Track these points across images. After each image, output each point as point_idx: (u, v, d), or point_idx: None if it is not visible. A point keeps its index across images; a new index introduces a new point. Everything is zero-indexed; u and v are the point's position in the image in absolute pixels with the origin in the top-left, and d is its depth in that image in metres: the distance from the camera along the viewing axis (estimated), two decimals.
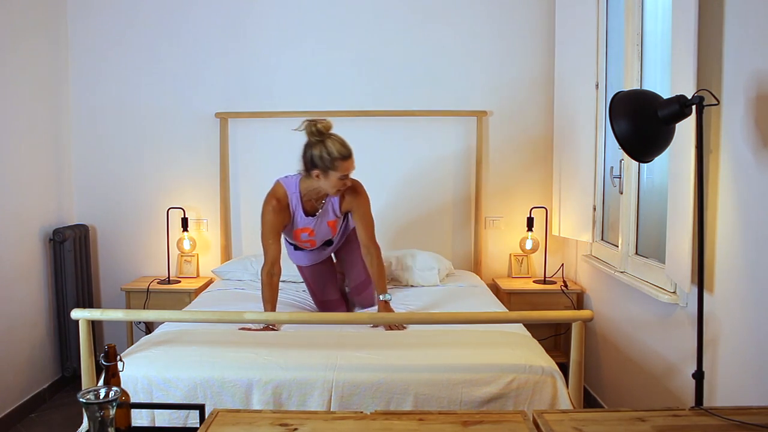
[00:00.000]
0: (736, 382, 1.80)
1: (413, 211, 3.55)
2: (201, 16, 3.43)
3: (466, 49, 3.44)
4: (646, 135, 1.67)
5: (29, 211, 3.05)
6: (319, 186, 2.36)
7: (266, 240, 2.40)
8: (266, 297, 2.39)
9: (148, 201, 3.52)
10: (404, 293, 2.87)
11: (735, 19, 1.80)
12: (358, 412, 1.34)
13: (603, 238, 3.05)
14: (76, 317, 1.92)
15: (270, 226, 2.39)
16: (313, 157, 2.29)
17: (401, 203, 3.55)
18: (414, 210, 3.55)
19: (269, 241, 2.40)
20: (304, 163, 2.35)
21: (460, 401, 1.85)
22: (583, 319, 1.87)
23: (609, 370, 2.88)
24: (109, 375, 1.41)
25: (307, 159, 2.33)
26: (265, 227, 2.40)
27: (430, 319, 2.15)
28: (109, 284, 3.56)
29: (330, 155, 2.26)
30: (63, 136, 3.39)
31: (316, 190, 2.41)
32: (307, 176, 2.37)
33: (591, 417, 1.30)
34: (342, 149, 2.28)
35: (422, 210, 3.55)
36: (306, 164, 2.34)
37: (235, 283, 3.07)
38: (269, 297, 2.39)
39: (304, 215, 2.46)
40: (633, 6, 2.55)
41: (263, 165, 3.51)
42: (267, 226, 2.39)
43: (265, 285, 2.40)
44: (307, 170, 2.34)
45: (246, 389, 1.86)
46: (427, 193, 3.53)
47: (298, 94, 3.46)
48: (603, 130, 2.95)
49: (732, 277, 1.83)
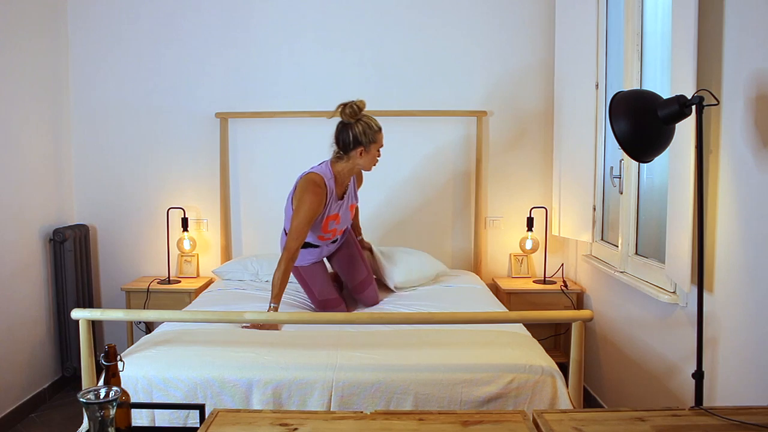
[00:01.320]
0: (736, 382, 1.80)
1: (413, 211, 3.55)
2: (201, 16, 3.43)
3: (466, 49, 3.44)
4: (645, 135, 1.67)
5: (29, 211, 3.05)
6: (354, 165, 2.51)
7: (304, 227, 2.41)
8: (283, 283, 2.37)
9: (148, 201, 3.52)
10: (407, 293, 2.88)
11: (735, 19, 1.80)
12: (358, 412, 1.34)
13: (603, 238, 3.05)
14: (76, 317, 1.92)
15: (312, 213, 2.42)
16: (356, 135, 2.44)
17: (401, 203, 3.55)
18: (414, 209, 3.55)
19: (306, 228, 2.42)
20: (343, 144, 2.48)
21: (460, 401, 1.85)
22: (583, 319, 1.87)
23: (609, 370, 2.88)
24: (109, 375, 1.41)
25: (348, 139, 2.45)
26: (308, 213, 2.41)
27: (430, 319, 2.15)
28: (109, 284, 3.56)
29: (371, 128, 2.46)
30: (63, 136, 3.39)
31: (347, 171, 2.54)
32: (341, 159, 2.50)
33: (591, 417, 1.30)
34: (377, 122, 2.51)
35: (422, 209, 3.55)
36: (346, 145, 2.47)
37: (235, 283, 3.07)
38: (285, 283, 2.39)
39: (336, 199, 2.55)
40: (633, 6, 2.55)
41: (263, 165, 3.52)
42: (309, 213, 2.41)
43: (285, 271, 2.38)
44: (346, 151, 2.47)
45: (246, 389, 1.86)
46: (427, 192, 3.54)
47: (298, 94, 3.46)
48: (603, 130, 2.95)
49: (732, 277, 1.83)
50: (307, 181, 2.48)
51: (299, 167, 3.47)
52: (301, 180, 2.51)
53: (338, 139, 2.49)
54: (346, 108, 2.43)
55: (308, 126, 3.47)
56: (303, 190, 2.46)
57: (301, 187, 2.48)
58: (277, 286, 2.36)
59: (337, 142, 2.50)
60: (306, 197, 2.43)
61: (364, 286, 2.75)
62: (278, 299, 2.37)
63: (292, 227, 2.43)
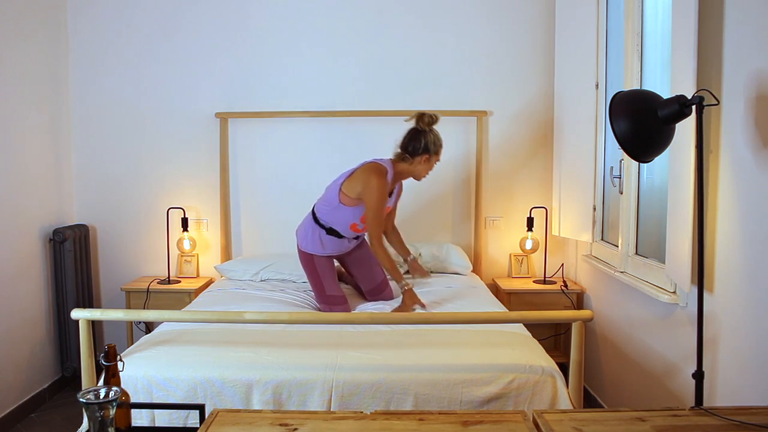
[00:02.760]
0: (736, 382, 1.80)
1: (413, 211, 3.55)
2: (201, 17, 3.43)
3: (466, 49, 3.44)
4: (646, 135, 1.67)
5: (29, 210, 3.05)
6: (413, 170, 2.64)
7: (381, 211, 2.57)
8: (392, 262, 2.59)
9: (148, 201, 3.52)
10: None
11: (735, 19, 1.80)
12: (358, 412, 1.34)
13: (603, 238, 3.05)
14: (76, 317, 1.92)
15: (382, 195, 2.56)
16: (428, 143, 2.58)
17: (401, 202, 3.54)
18: (414, 209, 3.55)
19: (382, 210, 2.58)
20: (412, 149, 2.60)
21: (460, 401, 1.85)
22: (583, 319, 1.87)
23: (609, 370, 2.88)
24: (109, 375, 1.41)
25: (418, 145, 2.58)
26: (379, 196, 2.54)
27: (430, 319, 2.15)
28: (109, 284, 3.56)
29: (439, 141, 2.62)
30: (63, 136, 3.39)
31: (405, 174, 2.67)
32: (405, 160, 2.62)
33: (591, 417, 1.30)
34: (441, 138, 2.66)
35: (422, 209, 3.55)
36: (415, 149, 2.59)
37: (235, 283, 3.07)
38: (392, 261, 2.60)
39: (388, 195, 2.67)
40: (633, 6, 2.55)
41: (263, 165, 3.52)
42: (380, 195, 2.55)
43: (386, 254, 2.58)
44: (413, 155, 2.60)
45: (246, 389, 1.86)
46: (427, 192, 3.53)
47: (298, 94, 3.46)
48: (603, 130, 2.95)
49: (732, 277, 1.83)
50: (373, 166, 2.60)
51: (299, 167, 3.50)
52: (366, 165, 2.63)
53: (408, 142, 2.62)
54: (425, 117, 2.58)
55: (308, 126, 3.47)
56: (369, 173, 2.57)
57: (366, 171, 2.59)
58: (394, 268, 2.57)
59: (405, 145, 2.62)
60: (373, 180, 2.54)
61: (383, 287, 2.85)
62: (401, 276, 2.57)
63: (369, 214, 2.56)
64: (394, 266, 2.59)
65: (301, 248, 2.78)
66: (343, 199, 2.61)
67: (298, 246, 2.79)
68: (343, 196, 2.61)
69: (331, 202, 2.65)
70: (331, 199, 2.65)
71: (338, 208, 2.63)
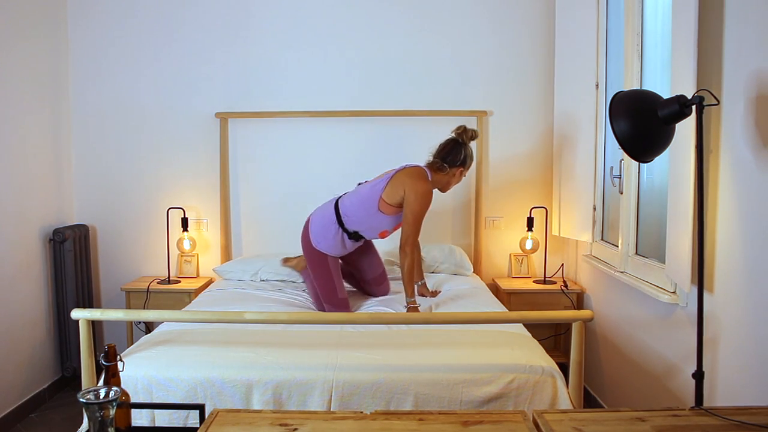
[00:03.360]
0: (736, 382, 1.80)
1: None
2: (201, 17, 3.43)
3: (466, 49, 3.44)
4: (646, 135, 1.67)
5: (29, 211, 3.05)
6: (448, 181, 2.67)
7: (422, 217, 2.56)
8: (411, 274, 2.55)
9: (148, 201, 3.52)
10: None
11: (735, 19, 1.80)
12: (358, 412, 1.34)
13: (603, 238, 3.05)
14: (76, 317, 1.92)
15: (428, 203, 2.56)
16: (467, 156, 2.64)
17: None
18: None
19: (423, 217, 2.57)
20: (451, 160, 2.62)
21: (460, 401, 1.85)
22: (583, 319, 1.87)
23: (609, 370, 2.88)
24: (109, 375, 1.41)
25: (458, 157, 2.62)
26: (426, 205, 2.55)
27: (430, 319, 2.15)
28: (109, 284, 3.56)
29: (473, 157, 2.68)
30: (63, 136, 3.39)
31: (439, 184, 2.68)
32: (442, 170, 2.63)
33: (591, 417, 1.30)
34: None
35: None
36: (454, 161, 2.62)
37: (235, 283, 3.07)
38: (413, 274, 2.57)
39: None
40: (633, 6, 2.55)
41: (263, 165, 3.52)
42: (427, 205, 2.56)
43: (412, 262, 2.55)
44: (451, 166, 2.62)
45: (246, 389, 1.86)
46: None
47: (298, 94, 3.46)
48: (603, 130, 2.95)
49: (732, 277, 1.83)
50: (419, 171, 2.61)
51: (299, 167, 3.50)
52: (410, 169, 2.62)
53: (448, 153, 2.63)
54: (468, 131, 2.63)
55: (308, 126, 3.47)
56: (416, 179, 2.56)
57: (411, 176, 2.58)
58: (411, 281, 2.54)
59: (444, 156, 2.63)
60: (420, 186, 2.54)
61: (383, 278, 2.86)
62: (413, 292, 2.55)
63: (410, 219, 2.53)
64: (412, 278, 2.56)
65: (314, 245, 2.66)
66: (383, 206, 2.57)
67: (311, 242, 2.66)
68: (383, 204, 2.57)
69: (369, 208, 2.58)
70: (369, 205, 2.59)
71: (376, 215, 2.59)
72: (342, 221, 2.62)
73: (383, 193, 2.57)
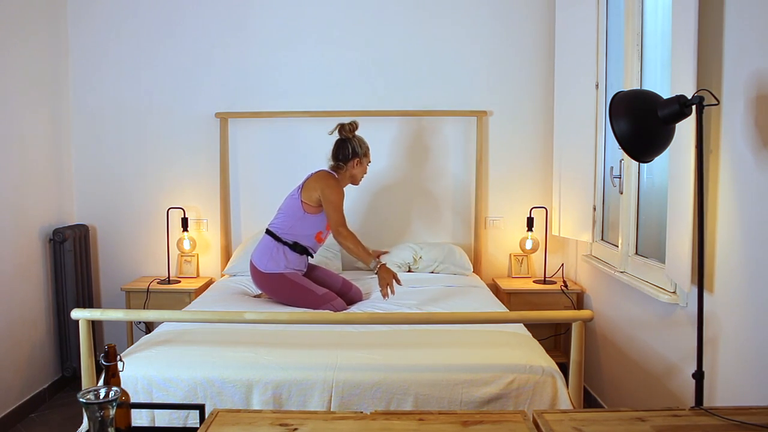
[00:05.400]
0: (736, 382, 1.80)
1: (413, 211, 3.55)
2: (201, 17, 3.43)
3: (466, 49, 3.44)
4: (646, 135, 1.67)
5: (29, 211, 3.05)
6: (350, 175, 2.82)
7: (341, 204, 2.70)
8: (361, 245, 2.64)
9: (148, 201, 3.52)
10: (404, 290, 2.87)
11: (735, 19, 1.80)
12: (358, 412, 1.34)
13: (603, 238, 3.05)
14: (76, 317, 1.92)
15: (342, 193, 2.72)
16: (354, 148, 2.78)
17: (401, 202, 3.55)
18: (414, 209, 3.55)
19: (342, 205, 2.70)
20: (343, 156, 2.79)
21: (460, 401, 1.85)
22: (583, 319, 1.87)
23: (609, 370, 2.88)
24: (109, 375, 1.41)
25: (347, 151, 2.78)
26: (340, 194, 2.71)
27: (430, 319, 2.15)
28: (109, 284, 3.56)
29: (364, 143, 2.83)
30: (63, 136, 3.39)
31: (344, 181, 2.82)
32: (341, 169, 2.80)
33: (591, 417, 1.30)
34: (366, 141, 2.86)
35: (422, 209, 3.55)
36: (345, 156, 2.78)
37: (235, 283, 3.07)
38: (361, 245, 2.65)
39: None
40: (633, 6, 2.55)
41: (263, 165, 3.52)
42: (341, 193, 2.71)
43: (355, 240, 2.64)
44: (345, 162, 2.79)
45: (246, 389, 1.86)
46: (426, 192, 3.54)
47: (298, 94, 3.46)
48: (603, 130, 2.95)
49: (732, 277, 1.83)
50: (324, 173, 2.76)
51: (299, 167, 3.48)
52: (317, 174, 2.76)
53: (337, 152, 2.81)
54: (345, 126, 2.79)
55: (308, 126, 3.47)
56: (324, 178, 2.72)
57: (319, 176, 2.74)
58: (363, 251, 2.63)
59: (336, 155, 2.81)
60: (329, 180, 2.71)
61: (348, 284, 2.89)
62: (371, 256, 2.64)
63: (331, 207, 2.66)
64: (362, 247, 2.64)
65: (264, 273, 2.69)
66: (307, 207, 2.71)
67: (260, 273, 2.70)
68: (306, 206, 2.70)
69: (295, 213, 2.72)
70: (293, 211, 2.73)
71: (304, 218, 2.71)
72: (279, 238, 2.73)
73: (302, 197, 2.72)
